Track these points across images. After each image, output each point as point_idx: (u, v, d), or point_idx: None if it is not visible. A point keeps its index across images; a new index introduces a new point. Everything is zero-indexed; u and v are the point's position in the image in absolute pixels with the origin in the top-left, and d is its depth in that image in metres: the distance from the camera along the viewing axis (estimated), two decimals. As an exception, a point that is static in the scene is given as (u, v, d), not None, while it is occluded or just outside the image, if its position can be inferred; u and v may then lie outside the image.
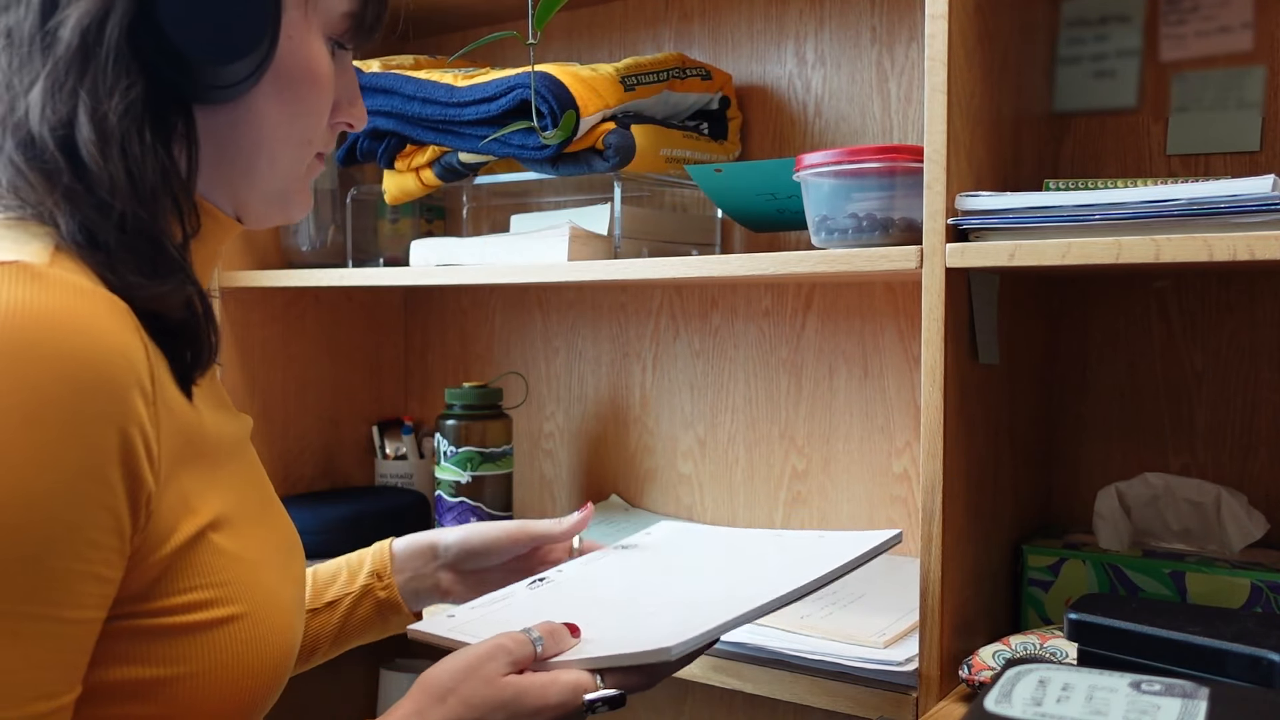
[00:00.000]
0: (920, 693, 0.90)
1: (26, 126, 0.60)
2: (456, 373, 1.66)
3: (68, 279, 0.55)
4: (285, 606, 0.69)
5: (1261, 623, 0.72)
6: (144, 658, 0.59)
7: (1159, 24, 1.11)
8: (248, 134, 0.67)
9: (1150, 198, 0.81)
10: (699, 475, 1.43)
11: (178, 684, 0.61)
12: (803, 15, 1.32)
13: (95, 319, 0.55)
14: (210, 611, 0.62)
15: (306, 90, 0.68)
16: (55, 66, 0.59)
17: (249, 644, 0.64)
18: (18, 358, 0.52)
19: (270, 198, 0.71)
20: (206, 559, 0.62)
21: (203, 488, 0.63)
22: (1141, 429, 1.13)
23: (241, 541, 0.65)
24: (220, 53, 0.62)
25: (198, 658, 0.61)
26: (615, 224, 1.21)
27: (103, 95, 0.60)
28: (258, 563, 0.66)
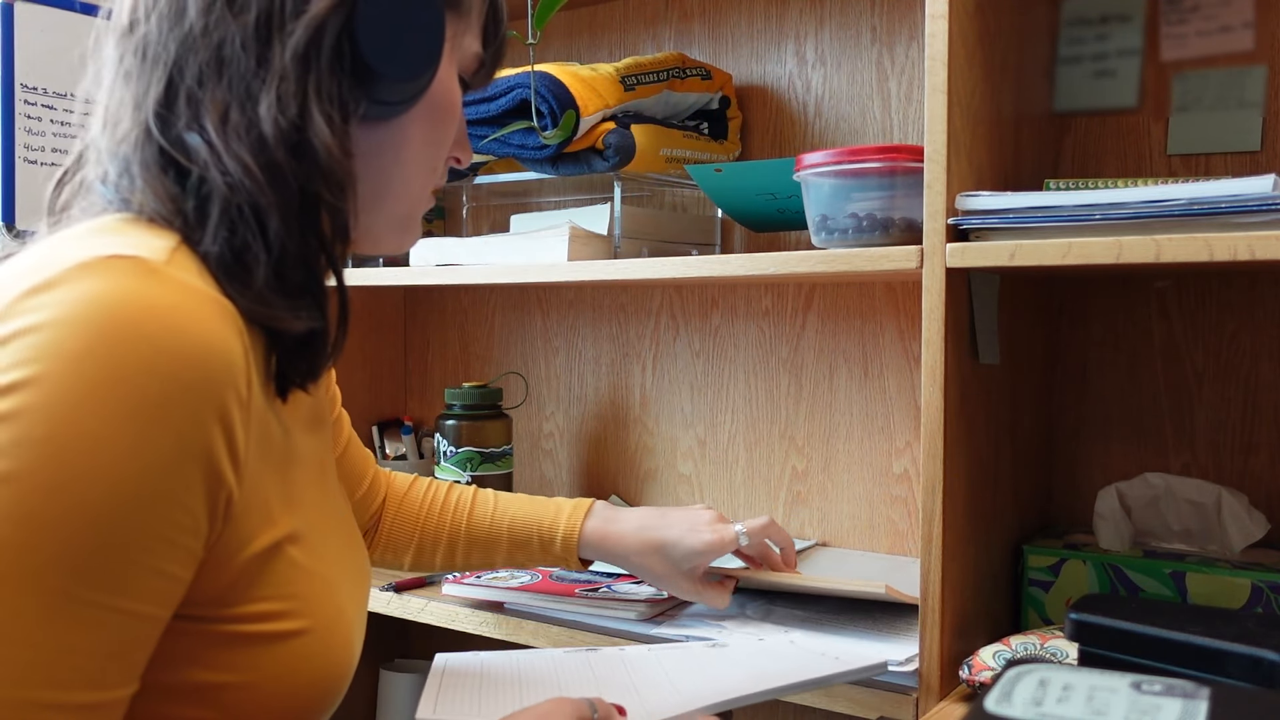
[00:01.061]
0: (920, 693, 0.90)
1: (257, 128, 0.62)
2: (456, 373, 1.66)
3: (180, 277, 0.57)
4: (349, 626, 0.70)
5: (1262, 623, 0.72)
6: (208, 662, 0.60)
7: (1159, 24, 1.11)
8: (391, 155, 0.70)
9: (1150, 198, 0.81)
10: (699, 475, 1.43)
11: (237, 691, 0.61)
12: (803, 15, 1.32)
13: (200, 318, 0.56)
14: (279, 623, 0.63)
15: (444, 119, 0.72)
16: (283, 71, 0.62)
17: (311, 659, 0.65)
18: (121, 347, 0.53)
19: (394, 222, 0.74)
20: (281, 570, 0.63)
21: (284, 499, 0.64)
22: (1141, 429, 1.13)
23: (315, 557, 0.66)
24: (401, 70, 0.66)
25: (260, 667, 0.62)
26: (615, 224, 1.21)
27: (328, 100, 0.63)
28: (329, 580, 0.67)
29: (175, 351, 0.54)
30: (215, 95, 0.63)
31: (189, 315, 0.56)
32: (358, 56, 0.64)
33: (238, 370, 0.57)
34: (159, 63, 0.64)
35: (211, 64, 0.63)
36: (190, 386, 0.55)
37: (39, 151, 1.38)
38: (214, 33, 0.63)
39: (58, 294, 0.54)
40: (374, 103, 0.67)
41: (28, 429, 0.51)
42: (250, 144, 0.62)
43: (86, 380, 0.52)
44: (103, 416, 0.53)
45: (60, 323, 0.53)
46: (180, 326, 0.55)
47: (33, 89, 1.37)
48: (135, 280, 0.55)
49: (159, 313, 0.55)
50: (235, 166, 0.61)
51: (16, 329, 0.53)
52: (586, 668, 0.92)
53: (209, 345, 0.56)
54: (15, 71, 1.36)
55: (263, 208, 0.62)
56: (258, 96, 0.62)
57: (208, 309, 0.57)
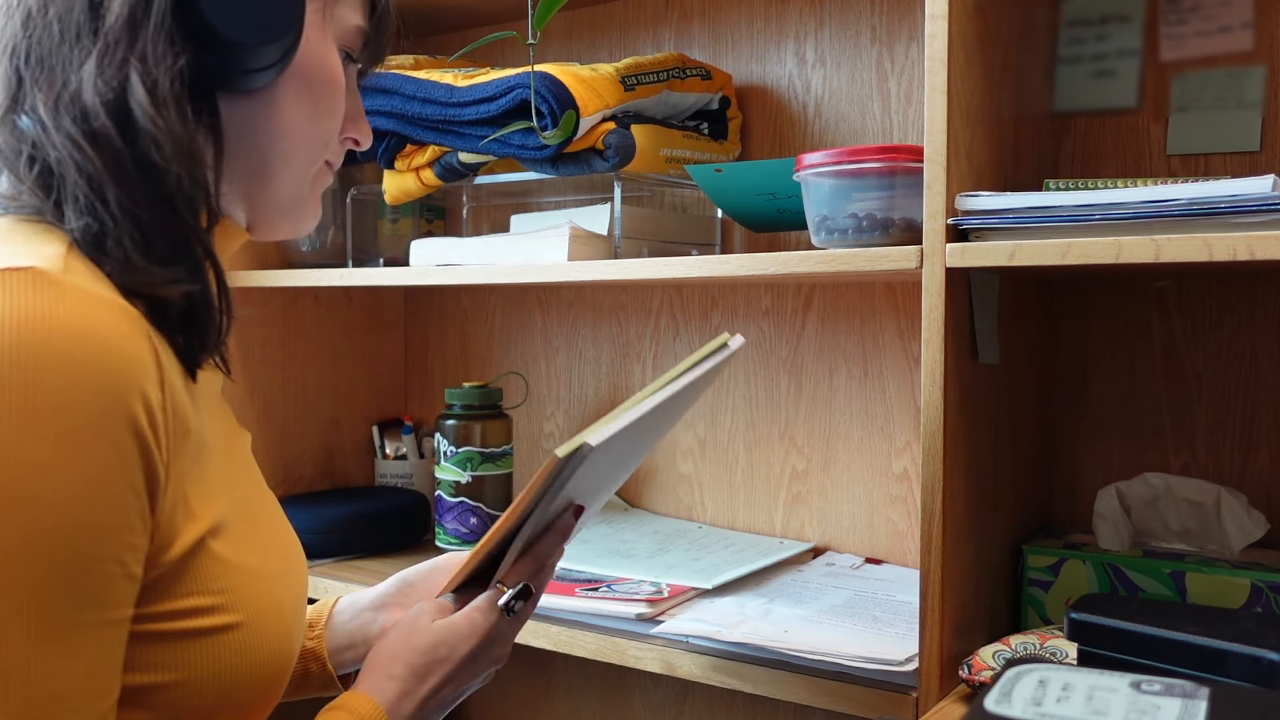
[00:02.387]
0: (920, 693, 0.90)
1: (80, 100, 0.61)
2: (456, 373, 1.66)
3: (80, 286, 0.57)
4: (284, 616, 0.69)
5: (1261, 623, 0.72)
6: (140, 664, 0.60)
7: (1159, 24, 1.11)
8: (266, 129, 0.69)
9: (1150, 198, 0.81)
10: (699, 475, 1.43)
11: (172, 690, 0.61)
12: (803, 15, 1.32)
13: (107, 326, 0.56)
14: (208, 619, 0.62)
15: (323, 91, 0.71)
16: (106, 40, 0.61)
17: (245, 653, 0.64)
18: (35, 367, 0.53)
19: (282, 204, 0.73)
20: (206, 566, 0.63)
21: (203, 493, 0.64)
22: (1141, 429, 1.13)
23: (241, 549, 0.66)
24: (252, 35, 0.64)
25: (194, 665, 0.62)
26: (615, 224, 1.21)
27: (152, 65, 0.62)
28: (257, 572, 0.67)
29: (89, 362, 0.54)
30: (51, 75, 0.62)
31: (96, 324, 0.55)
32: (203, 22, 0.63)
33: (150, 371, 0.57)
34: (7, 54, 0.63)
35: (44, 41, 0.62)
36: (114, 397, 0.55)
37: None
38: (49, 7, 0.62)
39: None
40: (229, 70, 0.65)
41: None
42: (75, 116, 0.61)
43: (13, 408, 0.52)
44: (38, 441, 0.53)
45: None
46: (90, 337, 0.55)
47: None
48: (36, 296, 0.54)
49: (66, 327, 0.54)
50: (61, 140, 0.61)
51: None
52: None
53: (121, 351, 0.56)
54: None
55: (95, 177, 0.61)
56: (81, 67, 0.62)
57: (113, 315, 0.57)
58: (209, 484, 0.65)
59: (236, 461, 0.72)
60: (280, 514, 0.78)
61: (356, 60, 0.76)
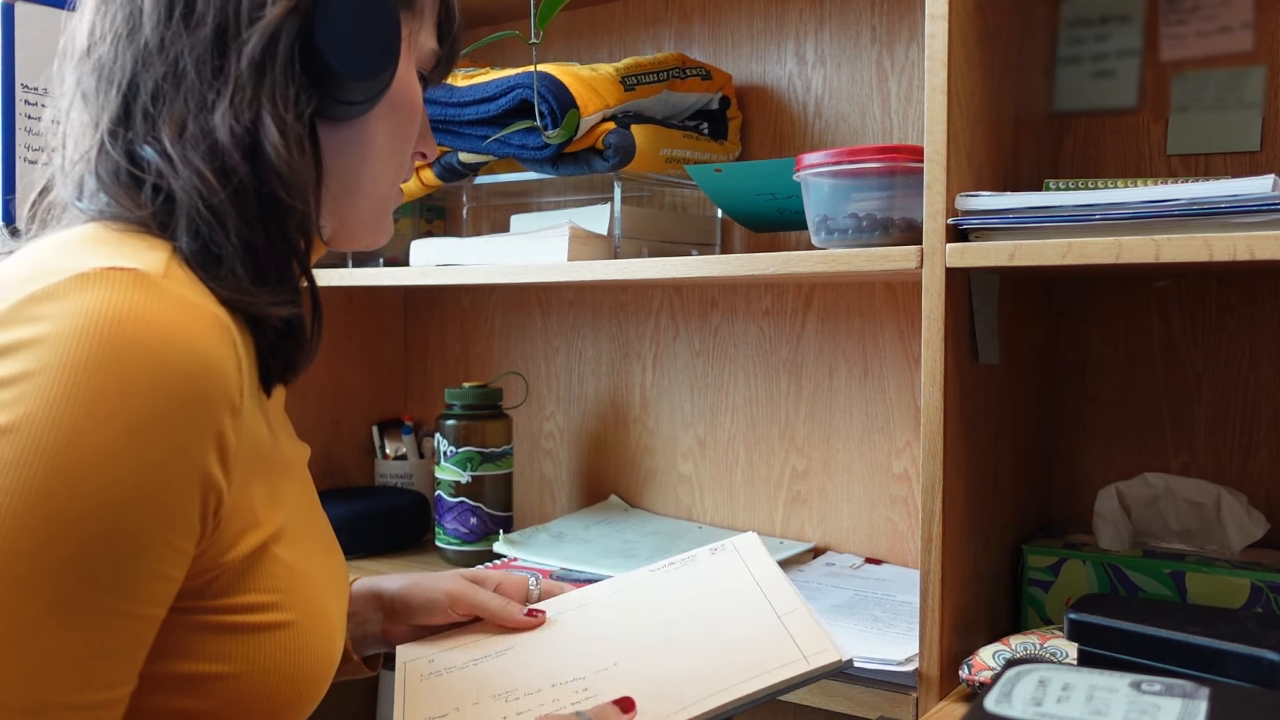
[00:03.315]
0: (920, 693, 0.90)
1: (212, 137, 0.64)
2: (456, 373, 1.66)
3: (178, 291, 0.58)
4: (330, 620, 0.72)
5: (1262, 623, 0.72)
6: (196, 653, 0.62)
7: (1159, 24, 1.11)
8: (357, 153, 0.72)
9: (1150, 198, 0.81)
10: (699, 475, 1.43)
11: (225, 682, 0.63)
12: (803, 15, 1.32)
13: (198, 333, 0.58)
14: (265, 615, 0.64)
15: (407, 115, 0.75)
16: (236, 81, 0.64)
17: (296, 651, 0.66)
18: (125, 361, 0.55)
19: (366, 219, 0.77)
20: (266, 566, 0.65)
21: (268, 501, 0.66)
22: (1141, 429, 1.13)
23: (297, 554, 0.68)
24: (362, 69, 0.68)
25: (247, 658, 0.64)
26: (615, 224, 1.21)
27: (281, 107, 0.65)
28: (310, 576, 0.69)
29: (175, 366, 0.56)
30: (173, 109, 0.65)
31: (187, 330, 0.57)
32: (317, 59, 0.66)
33: (232, 382, 0.59)
34: (114, 82, 0.66)
35: (168, 78, 0.65)
36: (189, 399, 0.57)
37: (39, 152, 1.38)
38: (170, 48, 0.65)
39: (59, 305, 0.55)
40: (336, 103, 0.68)
41: (35, 440, 0.53)
42: (204, 152, 0.64)
43: (93, 393, 0.54)
44: (110, 428, 0.54)
45: (64, 335, 0.54)
46: (180, 341, 0.57)
47: (33, 89, 1.37)
48: (136, 294, 0.56)
49: (160, 327, 0.56)
50: (189, 175, 0.63)
51: (18, 339, 0.55)
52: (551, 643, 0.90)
53: (207, 360, 0.58)
54: (15, 71, 1.36)
55: (219, 212, 0.63)
56: (213, 106, 0.64)
57: (205, 323, 0.59)
58: (274, 492, 0.67)
59: (295, 471, 0.74)
60: (328, 525, 0.80)
61: (428, 80, 0.79)
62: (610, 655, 0.86)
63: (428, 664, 0.89)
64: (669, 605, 0.91)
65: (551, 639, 0.91)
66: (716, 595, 0.90)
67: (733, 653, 0.83)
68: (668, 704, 0.80)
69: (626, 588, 0.95)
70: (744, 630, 0.85)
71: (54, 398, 0.53)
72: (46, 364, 0.54)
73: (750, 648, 0.83)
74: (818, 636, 0.82)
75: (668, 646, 0.86)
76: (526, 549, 1.31)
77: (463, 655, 0.90)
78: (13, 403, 0.53)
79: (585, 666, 0.85)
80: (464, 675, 0.88)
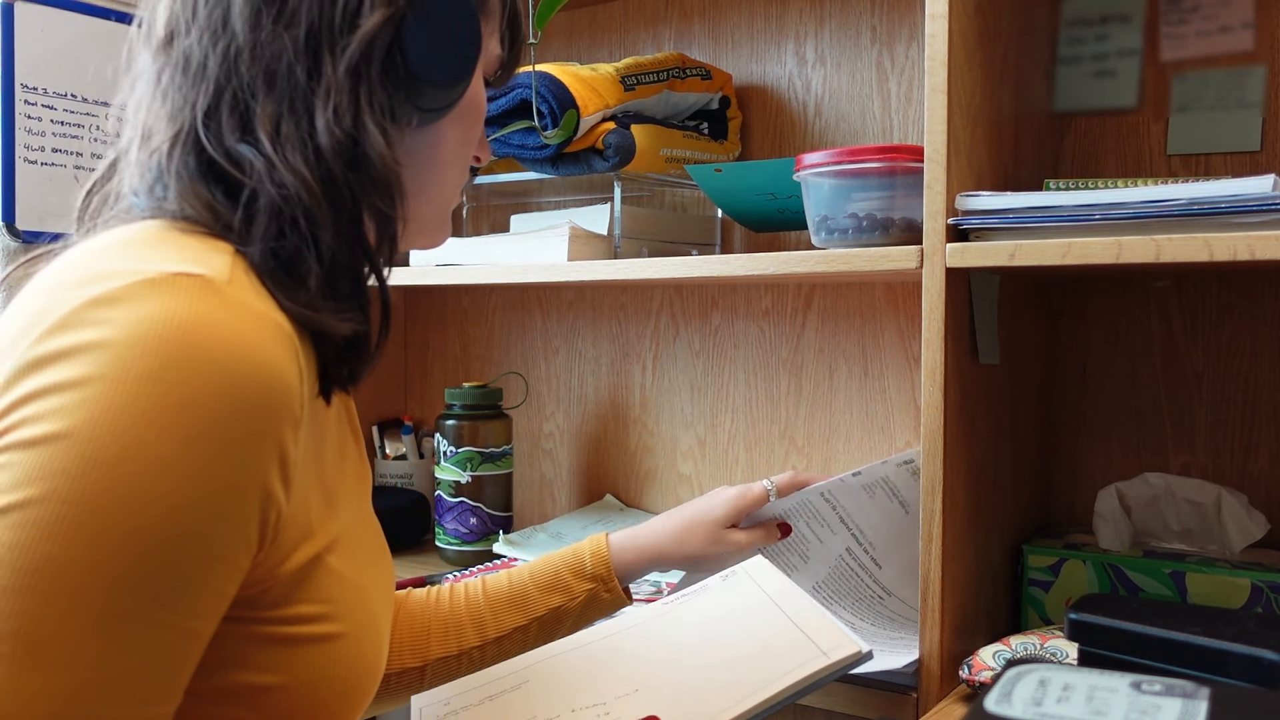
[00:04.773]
0: (920, 693, 0.90)
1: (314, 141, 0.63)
2: (456, 373, 1.66)
3: (243, 299, 0.57)
4: (379, 632, 0.71)
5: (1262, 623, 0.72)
6: (249, 663, 0.61)
7: (1159, 24, 1.11)
8: (429, 158, 0.72)
9: (1150, 198, 0.81)
10: (699, 475, 1.43)
11: (275, 693, 0.62)
12: (803, 15, 1.32)
13: (263, 343, 0.57)
14: (317, 626, 0.63)
15: (474, 119, 0.75)
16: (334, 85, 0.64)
17: (345, 662, 0.65)
18: (189, 371, 0.53)
19: (429, 219, 0.76)
20: (320, 577, 0.64)
21: (324, 511, 0.65)
22: (1141, 429, 1.13)
23: (350, 563, 0.67)
24: (444, 75, 0.68)
25: (298, 669, 0.63)
26: (615, 224, 1.21)
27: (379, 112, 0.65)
28: (361, 586, 0.68)
29: (240, 377, 0.55)
30: (266, 108, 0.63)
31: (253, 340, 0.56)
32: (406, 67, 0.66)
33: (294, 394, 0.58)
34: (202, 76, 0.64)
35: (261, 77, 0.64)
36: (253, 412, 0.55)
37: (39, 151, 1.38)
38: (264, 47, 0.64)
39: (124, 310, 0.54)
40: (420, 110, 0.68)
41: (95, 449, 0.52)
42: (306, 157, 0.63)
43: (155, 403, 0.53)
44: (170, 440, 0.53)
45: (128, 341, 0.53)
46: (245, 352, 0.55)
47: (33, 89, 1.37)
48: (201, 302, 0.55)
49: (225, 338, 0.55)
50: (291, 179, 0.62)
51: (79, 343, 0.53)
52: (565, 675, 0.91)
53: (271, 371, 0.56)
54: (15, 71, 1.36)
55: (317, 219, 0.62)
56: (313, 109, 0.63)
57: (269, 332, 0.57)
58: (331, 501, 0.66)
59: (351, 474, 0.74)
60: (379, 529, 0.79)
61: (490, 83, 0.79)
62: (629, 681, 0.86)
63: (443, 706, 0.89)
64: (684, 631, 0.91)
65: (567, 670, 0.90)
66: (731, 614, 0.91)
67: (752, 661, 0.84)
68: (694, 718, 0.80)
69: (639, 621, 0.95)
70: (761, 639, 0.86)
71: (114, 406, 0.52)
72: (107, 371, 0.52)
73: (769, 653, 0.84)
74: (835, 633, 0.83)
75: (687, 669, 0.86)
76: (526, 549, 1.31)
77: (478, 692, 0.90)
78: (71, 409, 0.52)
79: (604, 693, 0.85)
80: (480, 711, 0.87)
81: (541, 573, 0.97)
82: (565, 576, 0.96)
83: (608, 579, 0.96)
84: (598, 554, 0.97)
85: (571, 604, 0.96)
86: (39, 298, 0.57)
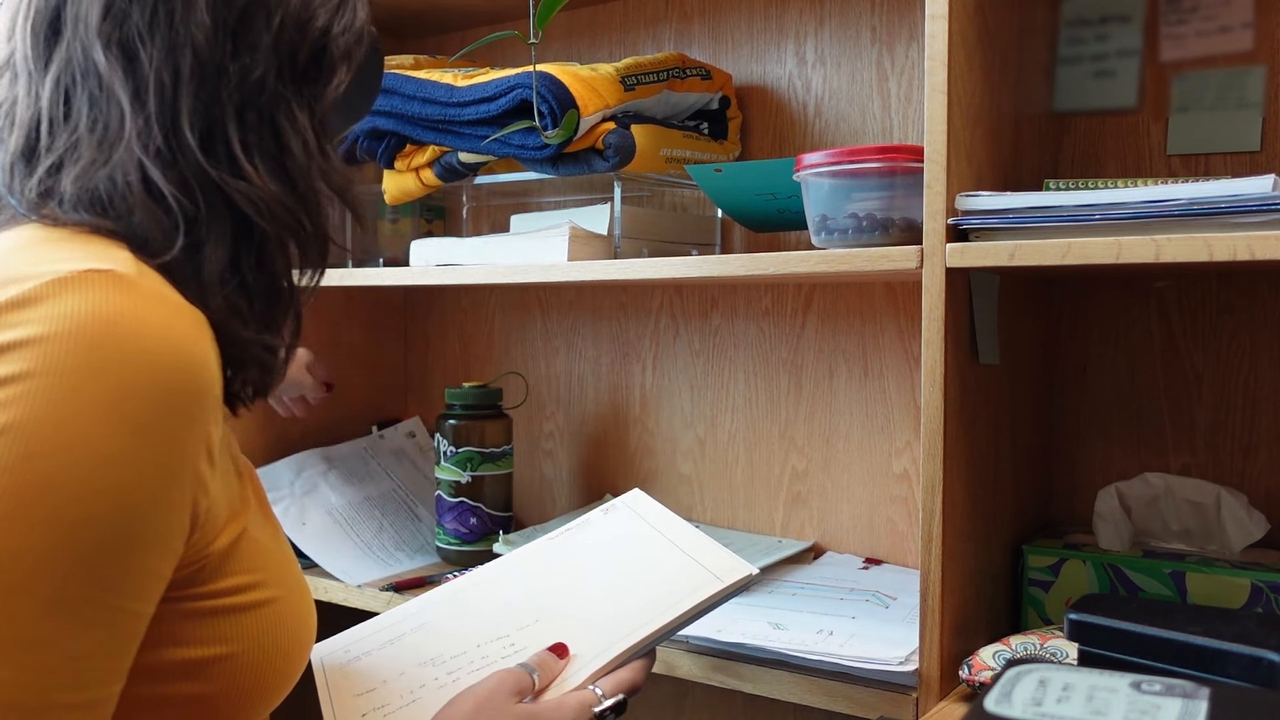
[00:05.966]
0: (920, 693, 0.90)
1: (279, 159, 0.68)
2: (456, 373, 1.66)
3: (157, 290, 0.59)
4: (305, 592, 0.74)
5: (1262, 623, 0.72)
6: (192, 638, 0.63)
7: (1159, 24, 1.11)
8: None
9: (1150, 198, 0.81)
10: (699, 475, 1.43)
11: (224, 663, 0.64)
12: (803, 15, 1.32)
13: (187, 332, 0.59)
14: (252, 594, 0.66)
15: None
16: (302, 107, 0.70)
17: (282, 625, 0.68)
18: (113, 359, 0.55)
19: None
20: (245, 548, 0.66)
21: (242, 491, 0.68)
22: (1141, 429, 1.13)
23: (264, 532, 0.70)
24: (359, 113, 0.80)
25: (240, 638, 0.65)
26: (615, 224, 1.21)
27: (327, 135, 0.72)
28: (278, 550, 0.72)
29: (173, 367, 0.57)
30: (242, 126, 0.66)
31: (178, 330, 0.58)
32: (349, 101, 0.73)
33: (216, 381, 0.60)
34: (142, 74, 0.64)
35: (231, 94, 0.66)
36: (186, 401, 0.57)
37: None
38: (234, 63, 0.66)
39: (45, 309, 0.54)
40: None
41: (36, 443, 0.53)
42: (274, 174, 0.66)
43: (94, 395, 0.54)
44: (109, 429, 0.54)
45: (55, 338, 0.54)
46: (174, 342, 0.57)
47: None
48: (120, 295, 0.56)
49: (153, 328, 0.56)
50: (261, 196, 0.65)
51: (8, 341, 0.54)
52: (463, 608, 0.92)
53: (197, 360, 0.58)
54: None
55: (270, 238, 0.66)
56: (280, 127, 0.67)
57: (189, 321, 0.59)
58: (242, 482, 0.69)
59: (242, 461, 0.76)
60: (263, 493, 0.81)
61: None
62: (530, 614, 0.88)
63: (344, 654, 0.90)
64: (576, 563, 0.94)
65: (465, 609, 0.92)
66: (619, 546, 0.93)
67: (649, 588, 0.86)
68: (598, 644, 0.81)
69: (528, 558, 0.97)
70: (653, 566, 0.88)
71: (54, 400, 0.53)
72: (43, 367, 0.53)
73: (664, 579, 0.87)
74: (726, 558, 0.87)
75: (584, 597, 0.88)
76: (526, 549, 1.31)
77: (377, 638, 0.91)
78: (8, 403, 0.53)
79: (507, 626, 0.87)
80: (383, 655, 0.89)
81: None
82: None
83: None
84: None
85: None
86: None
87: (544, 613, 0.87)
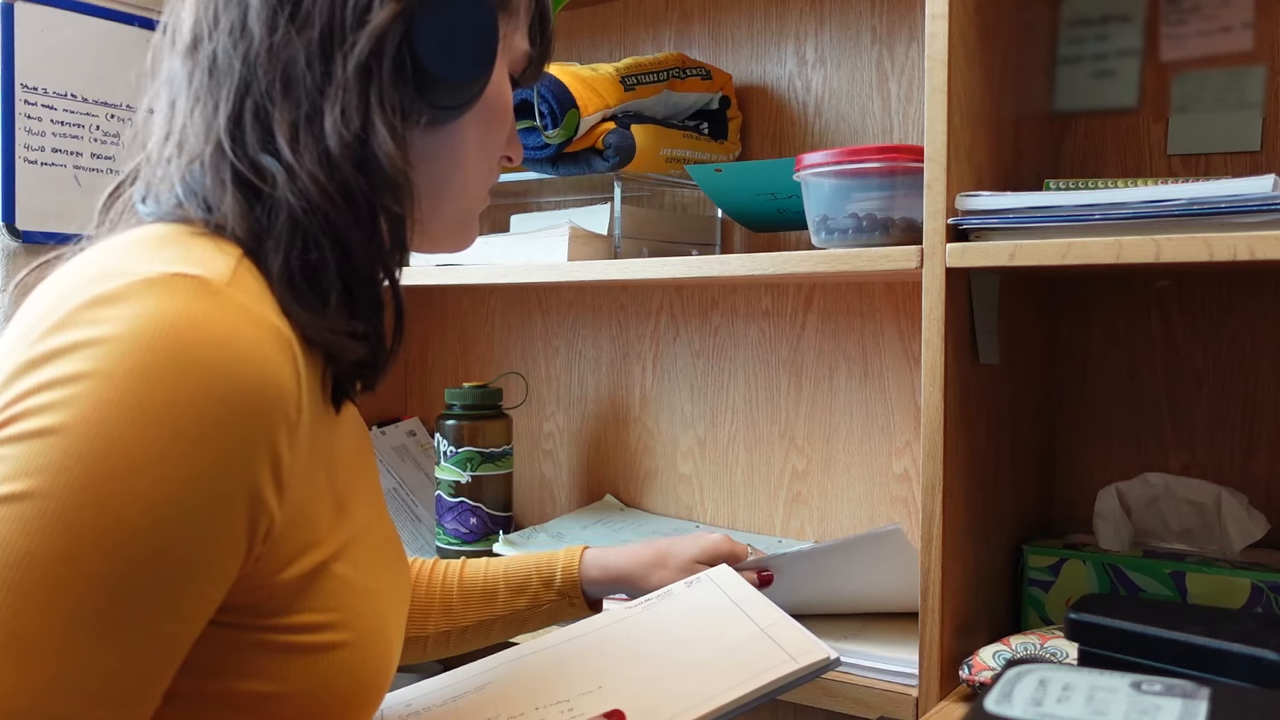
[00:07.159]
0: (920, 693, 0.90)
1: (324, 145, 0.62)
2: (456, 373, 1.66)
3: (240, 300, 0.57)
4: (389, 638, 0.70)
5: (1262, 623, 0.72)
6: (251, 671, 0.60)
7: (1159, 24, 1.11)
8: (449, 156, 0.71)
9: (1150, 198, 0.81)
10: (699, 475, 1.43)
11: (278, 701, 0.61)
12: (803, 15, 1.32)
13: (256, 345, 0.56)
14: (322, 635, 0.62)
15: (499, 118, 0.73)
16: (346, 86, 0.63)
17: (349, 671, 0.64)
18: (177, 369, 0.53)
19: (453, 223, 0.75)
20: (327, 585, 0.63)
21: (333, 517, 0.64)
22: (1141, 429, 1.13)
23: (361, 569, 0.66)
24: (460, 73, 0.67)
25: (300, 678, 0.61)
26: (615, 224, 1.21)
27: (390, 112, 0.64)
28: (372, 592, 0.67)
29: (230, 378, 0.54)
30: (285, 113, 0.63)
31: (246, 342, 0.55)
32: (417, 64, 0.65)
33: (289, 398, 0.57)
34: (226, 81, 0.64)
35: (279, 81, 0.63)
36: (242, 414, 0.55)
37: (39, 151, 1.38)
38: (280, 50, 0.63)
39: (120, 309, 0.54)
40: (434, 108, 0.67)
41: (81, 444, 0.51)
42: (321, 162, 0.62)
43: (140, 399, 0.52)
44: (153, 437, 0.52)
45: (119, 339, 0.53)
46: (236, 353, 0.55)
47: (33, 89, 1.37)
48: (197, 302, 0.55)
49: (217, 337, 0.54)
50: (312, 189, 0.62)
51: (76, 340, 0.53)
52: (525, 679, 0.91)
53: (263, 374, 0.55)
54: (15, 72, 1.36)
55: (339, 229, 0.62)
56: (322, 111, 0.63)
57: (264, 335, 0.57)
58: (343, 508, 0.65)
59: (364, 477, 0.73)
60: (393, 530, 0.78)
61: (518, 81, 0.78)
62: (593, 679, 0.86)
63: (405, 707, 0.89)
64: (649, 633, 0.91)
65: (530, 670, 0.90)
66: (697, 618, 0.90)
67: (719, 662, 0.84)
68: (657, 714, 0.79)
69: (604, 623, 0.95)
70: (728, 643, 0.85)
71: (102, 402, 0.52)
72: (98, 368, 0.52)
73: (736, 657, 0.84)
74: (803, 640, 0.83)
75: (651, 667, 0.86)
76: (526, 549, 1.31)
77: (440, 695, 0.90)
78: (62, 404, 0.52)
79: (568, 691, 0.85)
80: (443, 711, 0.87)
81: (515, 573, 0.98)
82: (535, 584, 0.98)
83: (573, 596, 0.98)
84: (568, 570, 0.98)
85: (536, 610, 0.98)
86: (46, 298, 0.57)
87: (608, 680, 0.85)
